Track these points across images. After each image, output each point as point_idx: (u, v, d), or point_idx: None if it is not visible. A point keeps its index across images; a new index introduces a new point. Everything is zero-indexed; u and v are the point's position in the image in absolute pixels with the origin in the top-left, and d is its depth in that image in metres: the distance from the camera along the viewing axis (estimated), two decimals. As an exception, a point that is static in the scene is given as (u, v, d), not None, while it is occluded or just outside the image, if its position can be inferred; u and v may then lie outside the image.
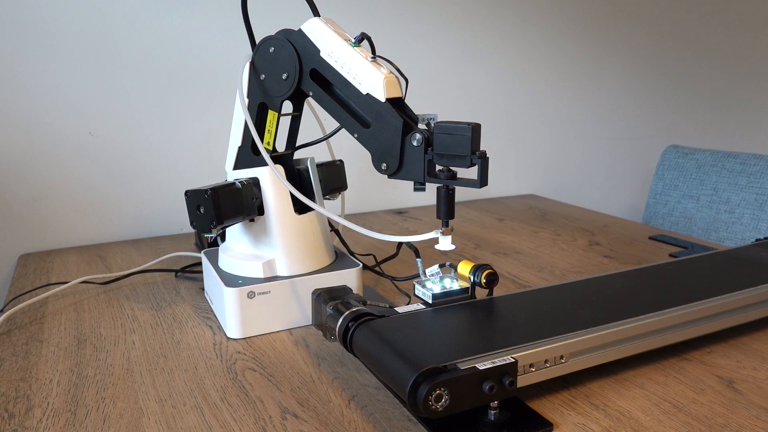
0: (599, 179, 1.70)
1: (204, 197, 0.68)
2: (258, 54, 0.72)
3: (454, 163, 0.60)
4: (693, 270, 0.75)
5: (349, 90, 0.66)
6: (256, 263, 0.73)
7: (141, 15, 1.09)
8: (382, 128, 0.64)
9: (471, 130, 0.58)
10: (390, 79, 0.64)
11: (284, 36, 0.69)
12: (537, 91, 1.53)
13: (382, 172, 0.65)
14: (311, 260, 0.75)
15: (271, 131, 0.74)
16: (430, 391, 0.46)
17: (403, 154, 0.63)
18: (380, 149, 0.65)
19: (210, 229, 0.69)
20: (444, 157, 0.60)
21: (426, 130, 0.62)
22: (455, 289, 0.63)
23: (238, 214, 0.70)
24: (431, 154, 0.61)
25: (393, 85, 0.64)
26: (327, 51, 0.67)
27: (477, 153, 0.58)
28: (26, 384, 0.61)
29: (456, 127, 0.59)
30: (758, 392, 0.58)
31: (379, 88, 0.63)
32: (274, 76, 0.71)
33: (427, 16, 1.35)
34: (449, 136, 0.59)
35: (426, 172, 0.62)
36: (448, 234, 0.63)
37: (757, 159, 1.33)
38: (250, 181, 0.72)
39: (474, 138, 0.58)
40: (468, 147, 0.58)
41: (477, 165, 0.59)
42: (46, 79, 1.05)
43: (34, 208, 1.09)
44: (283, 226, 0.73)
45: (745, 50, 1.84)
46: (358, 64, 0.65)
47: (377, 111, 0.64)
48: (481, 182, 0.59)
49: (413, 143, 0.62)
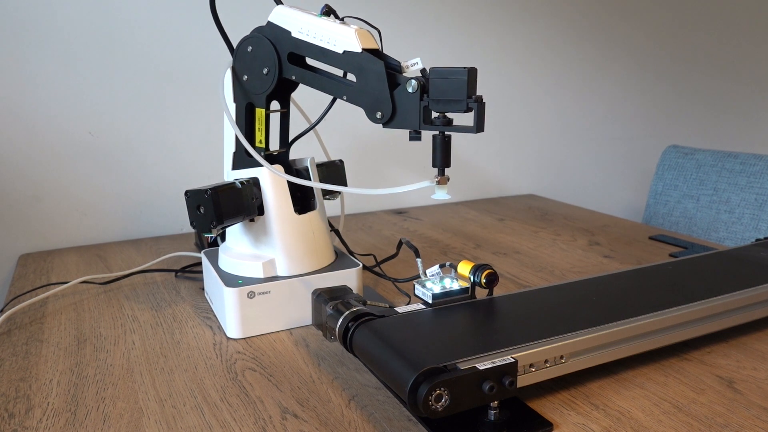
0: (599, 179, 1.70)
1: (204, 197, 0.68)
2: (237, 56, 0.73)
3: (450, 108, 0.59)
4: (693, 270, 0.75)
5: (327, 56, 0.67)
6: (256, 263, 0.73)
7: (141, 15, 1.09)
8: (367, 79, 0.64)
9: (467, 72, 0.58)
10: (362, 31, 0.65)
11: (258, 32, 0.71)
12: (537, 91, 1.53)
13: (377, 121, 0.64)
14: (311, 260, 0.75)
15: (261, 129, 0.74)
16: (430, 391, 0.46)
17: (395, 100, 0.63)
18: (371, 100, 0.64)
19: (210, 229, 0.69)
20: (440, 103, 0.60)
21: (421, 77, 0.61)
22: (455, 289, 0.63)
23: (238, 214, 0.70)
24: (427, 101, 0.61)
25: (366, 36, 0.65)
26: (297, 29, 0.68)
27: (473, 97, 0.58)
28: (26, 384, 0.61)
29: (452, 71, 0.58)
30: (758, 392, 0.58)
31: (353, 40, 0.64)
32: (255, 74, 0.72)
33: (426, 18, 1.35)
34: (445, 81, 0.59)
35: (422, 119, 0.62)
36: (444, 183, 0.63)
37: (757, 159, 1.33)
38: (250, 181, 0.72)
39: (470, 81, 0.58)
40: (464, 90, 0.58)
41: (473, 109, 0.59)
42: (46, 79, 1.05)
43: (34, 208, 1.09)
44: (283, 226, 0.73)
45: (744, 50, 1.84)
46: (329, 29, 0.66)
47: (358, 64, 0.64)
48: (477, 127, 0.59)
49: (408, 90, 0.61)
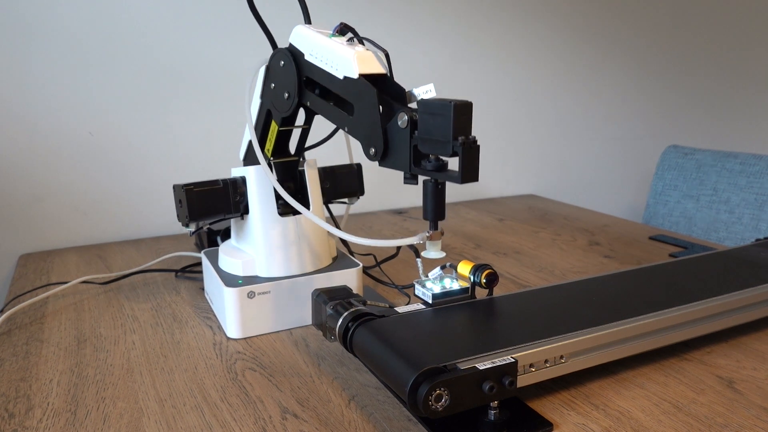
0: (599, 179, 1.70)
1: (182, 192, 0.69)
2: (272, 62, 0.70)
3: (436, 150, 0.49)
4: (693, 270, 0.75)
5: (332, 82, 0.61)
6: (237, 261, 0.73)
7: (141, 15, 1.09)
8: (363, 109, 0.56)
9: (453, 108, 0.47)
10: (363, 54, 0.58)
11: (288, 50, 0.67)
12: (537, 91, 1.53)
13: (371, 158, 0.57)
14: (295, 262, 0.74)
15: (271, 140, 0.74)
16: (430, 391, 0.46)
17: (387, 136, 0.55)
18: (366, 133, 0.57)
19: (186, 223, 0.71)
20: (427, 143, 0.50)
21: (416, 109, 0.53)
22: (455, 289, 0.63)
23: (216, 212, 0.71)
24: (416, 139, 0.51)
25: (367, 59, 0.58)
26: (309, 51, 0.64)
27: (460, 139, 0.47)
28: (26, 384, 0.61)
29: (438, 104, 0.48)
30: (758, 392, 0.58)
31: (351, 64, 0.57)
32: (280, 91, 0.69)
33: (425, 19, 1.35)
34: (431, 117, 0.49)
35: (412, 160, 0.52)
36: (437, 239, 0.55)
37: (757, 159, 1.33)
38: (239, 180, 0.73)
39: (458, 119, 0.47)
40: (449, 130, 0.47)
41: (458, 154, 0.48)
42: (46, 80, 1.05)
43: (34, 208, 1.09)
44: (264, 227, 0.73)
45: (744, 50, 1.84)
46: (332, 50, 0.60)
47: (356, 91, 0.57)
48: (463, 176, 0.48)
49: (399, 124, 0.53)
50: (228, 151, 1.20)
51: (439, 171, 0.51)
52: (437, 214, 0.54)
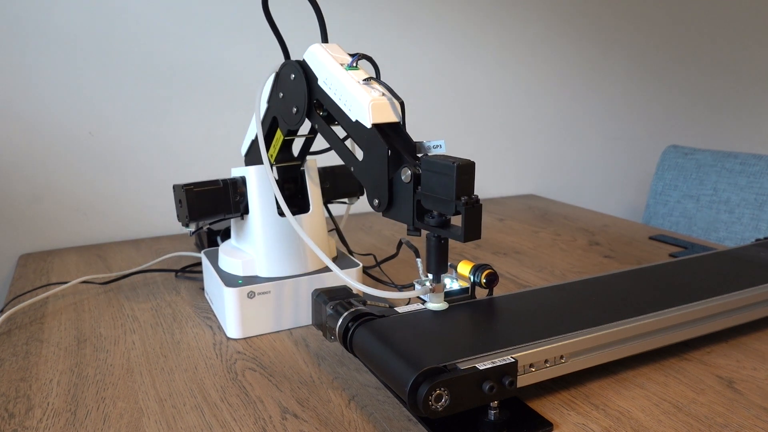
0: (599, 179, 1.70)
1: (182, 192, 0.69)
2: (282, 71, 0.68)
3: (439, 208, 0.50)
4: (693, 270, 0.75)
5: (342, 119, 0.59)
6: (237, 261, 0.73)
7: (141, 15, 1.09)
8: (372, 158, 0.56)
9: (456, 169, 0.47)
10: (379, 102, 0.56)
11: (300, 65, 0.65)
12: (537, 91, 1.53)
13: (375, 208, 0.57)
14: (295, 263, 0.74)
15: (276, 146, 0.74)
16: (430, 391, 0.46)
17: (393, 189, 0.55)
18: (372, 183, 0.57)
19: (186, 223, 0.71)
20: (430, 199, 0.51)
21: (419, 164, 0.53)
22: (455, 289, 0.63)
23: (216, 212, 0.71)
24: (420, 195, 0.52)
25: (382, 108, 0.56)
26: (323, 78, 0.62)
27: (463, 199, 0.48)
28: (26, 384, 0.61)
29: (441, 164, 0.49)
30: (758, 392, 0.58)
31: (365, 112, 0.56)
32: (288, 104, 0.68)
33: (426, 20, 1.35)
34: (434, 175, 0.50)
35: (415, 214, 0.53)
36: (440, 291, 0.56)
37: (757, 159, 1.33)
38: (239, 180, 0.73)
39: (461, 179, 0.48)
40: (452, 190, 0.48)
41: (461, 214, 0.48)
42: (47, 79, 1.05)
43: (34, 208, 1.09)
44: (264, 227, 0.73)
45: (744, 50, 1.84)
46: (348, 88, 0.58)
47: (367, 139, 0.57)
48: (466, 235, 0.49)
49: (402, 179, 0.53)
50: (228, 151, 1.20)
51: (441, 227, 0.52)
52: (440, 268, 0.56)
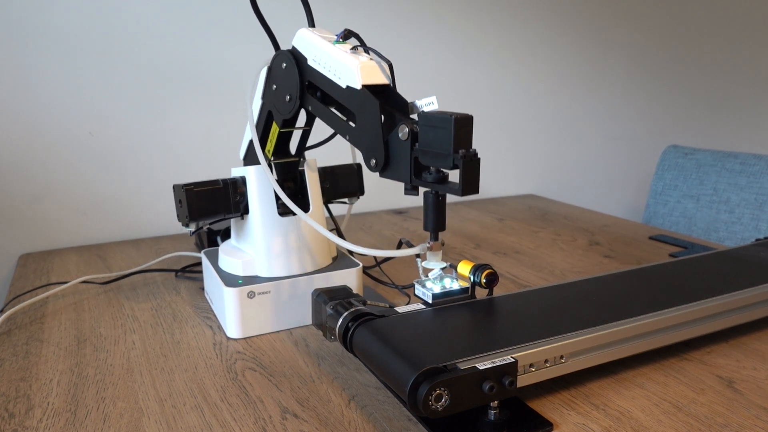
0: (599, 179, 1.70)
1: (182, 192, 0.69)
2: (274, 64, 0.70)
3: (437, 163, 0.50)
4: (693, 270, 0.75)
5: (334, 90, 0.61)
6: (237, 261, 0.73)
7: (141, 15, 1.09)
8: (365, 120, 0.57)
9: (453, 122, 0.48)
10: (367, 64, 0.58)
11: (291, 53, 0.67)
12: (537, 91, 1.53)
13: (372, 169, 0.57)
14: (295, 263, 0.74)
15: (272, 141, 0.74)
16: (430, 391, 0.46)
17: (389, 148, 0.55)
18: (368, 144, 0.57)
19: (186, 223, 0.71)
20: (428, 155, 0.51)
21: (416, 121, 0.53)
22: (455, 289, 0.63)
23: (216, 212, 0.71)
24: (417, 151, 0.52)
25: (371, 70, 0.58)
26: (312, 56, 0.63)
27: (461, 152, 0.48)
28: (26, 384, 0.61)
29: (439, 118, 0.49)
30: (758, 392, 0.58)
31: (354, 75, 0.57)
32: (282, 94, 0.69)
33: (426, 20, 1.35)
34: (432, 129, 0.50)
35: (412, 171, 0.53)
36: (438, 249, 0.56)
37: (757, 159, 1.33)
38: (238, 180, 0.73)
39: (459, 133, 0.48)
40: (449, 143, 0.48)
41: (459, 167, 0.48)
42: (47, 79, 1.05)
43: (34, 208, 1.09)
44: (264, 227, 0.73)
45: (744, 50, 1.84)
46: (336, 58, 0.60)
47: (359, 102, 0.58)
48: (464, 188, 0.49)
49: (399, 136, 0.53)
50: (228, 151, 1.20)
51: (439, 183, 0.52)
52: (438, 225, 0.55)
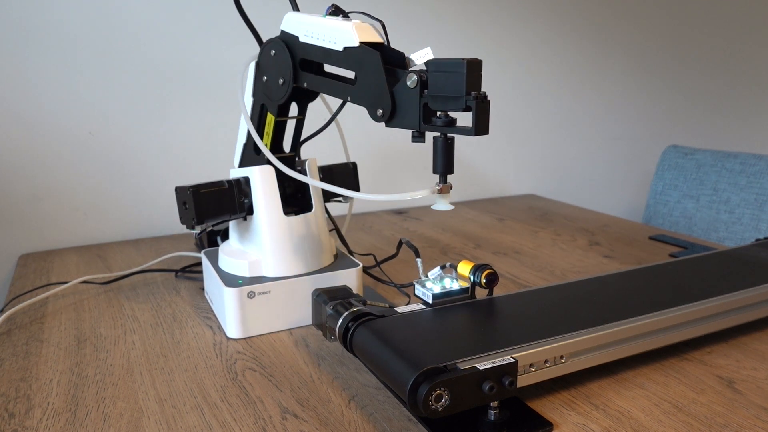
0: (599, 179, 1.70)
1: (187, 194, 0.69)
2: (262, 56, 0.72)
3: (449, 107, 0.53)
4: (693, 270, 0.75)
5: (330, 57, 0.63)
6: (243, 262, 0.73)
7: (141, 15, 1.09)
8: (365, 75, 0.59)
9: (466, 66, 0.51)
10: (360, 24, 0.61)
11: (280, 38, 0.69)
12: (537, 91, 1.53)
13: (378, 119, 0.59)
14: (300, 262, 0.74)
15: (268, 134, 0.74)
16: (430, 391, 0.46)
17: (395, 98, 0.58)
18: (371, 97, 0.60)
19: (192, 226, 0.70)
20: (438, 100, 0.54)
21: (423, 70, 0.56)
22: (455, 289, 0.63)
23: (222, 213, 0.70)
24: (427, 97, 0.55)
25: (365, 29, 0.61)
26: (303, 32, 0.66)
27: (473, 94, 0.51)
28: (26, 384, 0.61)
29: (450, 62, 0.52)
30: (758, 392, 0.58)
31: (351, 35, 0.60)
32: (274, 80, 0.71)
33: (426, 19, 1.35)
34: (443, 75, 0.53)
35: (421, 117, 0.56)
36: (446, 192, 0.58)
37: (757, 159, 1.33)
38: (242, 181, 0.72)
39: (470, 76, 0.51)
40: (462, 86, 0.51)
41: (472, 108, 0.52)
42: (47, 79, 1.05)
43: (34, 208, 1.09)
44: (270, 227, 0.73)
45: (744, 50, 1.84)
46: (329, 26, 0.63)
47: (357, 59, 0.60)
48: (477, 129, 0.52)
49: (408, 84, 0.56)
50: (228, 151, 1.20)
51: (449, 126, 0.55)
52: (447, 168, 0.57)
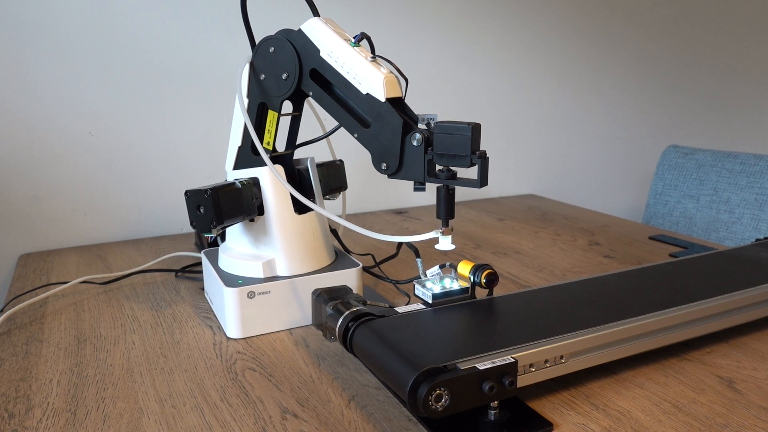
0: (599, 179, 1.70)
1: (204, 197, 0.68)
2: (258, 54, 0.72)
3: (454, 163, 0.60)
4: (693, 270, 0.75)
5: (348, 90, 0.66)
6: (256, 263, 0.73)
7: (141, 15, 1.09)
8: (382, 128, 0.64)
9: (471, 129, 0.58)
10: (390, 78, 0.64)
11: (284, 36, 0.69)
12: (537, 91, 1.53)
13: (382, 171, 0.65)
14: (311, 260, 0.75)
15: (270, 131, 0.74)
16: (430, 391, 0.46)
17: (403, 153, 0.63)
18: (380, 149, 0.65)
19: (210, 229, 0.69)
20: (444, 157, 0.60)
21: (426, 130, 0.62)
22: (455, 289, 0.63)
23: (238, 214, 0.70)
24: (431, 154, 0.61)
25: (393, 84, 0.65)
26: (327, 51, 0.67)
27: (477, 153, 0.59)
28: (26, 384, 0.61)
29: (456, 126, 0.59)
30: (758, 392, 0.58)
31: (379, 87, 0.63)
32: (274, 76, 0.71)
33: (426, 20, 1.35)
34: (449, 136, 0.59)
35: (426, 172, 0.62)
36: (449, 234, 0.63)
37: (757, 159, 1.33)
38: (250, 181, 0.72)
39: (474, 138, 0.58)
40: (468, 147, 0.58)
41: (477, 165, 0.59)
42: (47, 79, 1.05)
43: (34, 208, 1.09)
44: (283, 226, 0.73)
45: (745, 50, 1.84)
46: (358, 64, 0.65)
47: (377, 111, 0.64)
48: (481, 182, 0.60)
49: (413, 143, 0.62)
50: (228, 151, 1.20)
51: (451, 179, 0.62)
52: (449, 214, 0.63)
